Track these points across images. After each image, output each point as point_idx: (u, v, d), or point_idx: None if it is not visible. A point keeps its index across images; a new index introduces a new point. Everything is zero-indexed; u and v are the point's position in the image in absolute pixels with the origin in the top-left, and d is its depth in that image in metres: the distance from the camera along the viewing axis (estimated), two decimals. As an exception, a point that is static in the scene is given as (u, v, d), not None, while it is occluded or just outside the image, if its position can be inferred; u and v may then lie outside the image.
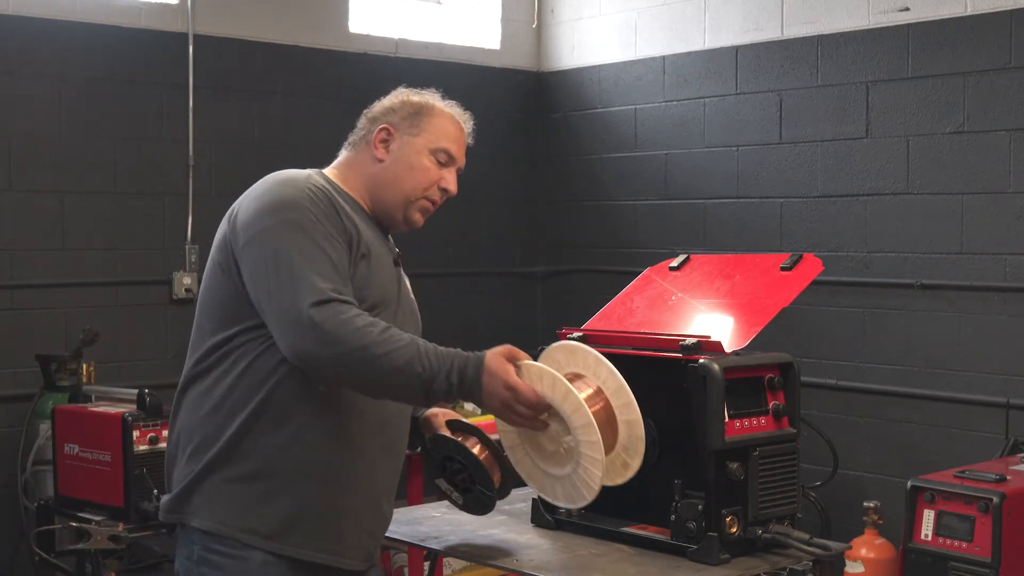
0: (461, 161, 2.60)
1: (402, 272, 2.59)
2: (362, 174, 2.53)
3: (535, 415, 2.32)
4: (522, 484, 2.56)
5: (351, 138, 2.60)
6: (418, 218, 2.56)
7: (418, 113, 2.55)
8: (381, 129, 2.53)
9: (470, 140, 2.63)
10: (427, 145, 2.53)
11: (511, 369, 2.30)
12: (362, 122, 2.59)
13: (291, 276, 2.26)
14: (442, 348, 2.28)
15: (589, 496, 2.37)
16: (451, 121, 2.58)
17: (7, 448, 4.78)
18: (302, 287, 2.24)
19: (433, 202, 2.56)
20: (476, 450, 2.55)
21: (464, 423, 2.61)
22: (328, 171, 2.56)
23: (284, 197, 2.36)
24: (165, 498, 2.44)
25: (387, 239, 2.58)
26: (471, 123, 2.64)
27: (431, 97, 2.60)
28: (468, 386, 2.26)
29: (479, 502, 2.60)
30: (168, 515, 2.42)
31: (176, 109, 5.33)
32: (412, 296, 2.62)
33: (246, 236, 2.33)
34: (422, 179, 2.53)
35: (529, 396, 2.29)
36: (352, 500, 2.40)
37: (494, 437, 2.57)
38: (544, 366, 2.34)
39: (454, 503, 2.63)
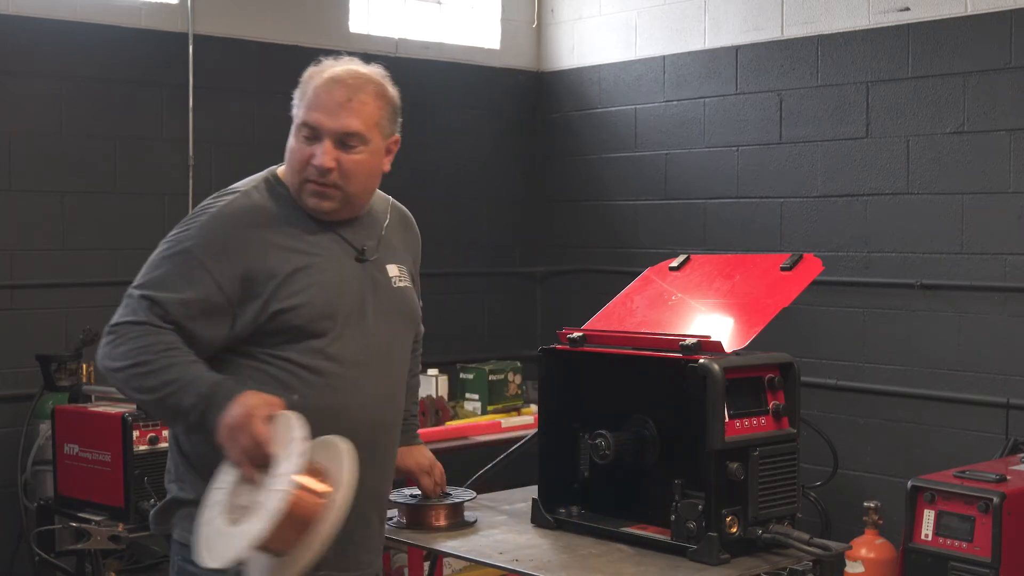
0: (335, 126, 2.35)
1: (378, 264, 2.47)
2: None
3: (252, 467, 2.15)
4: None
5: None
6: (315, 203, 2.39)
7: (301, 91, 2.42)
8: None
9: (361, 96, 2.37)
10: (296, 123, 2.41)
11: (266, 417, 2.16)
12: None
13: (131, 292, 2.34)
14: (205, 377, 2.22)
15: (210, 561, 2.11)
16: (322, 86, 2.38)
17: (7, 448, 4.78)
18: (129, 305, 2.32)
19: (316, 182, 2.37)
20: None
21: None
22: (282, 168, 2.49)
23: (192, 217, 2.38)
24: (152, 510, 2.48)
25: (345, 233, 2.44)
26: (364, 75, 2.39)
27: (322, 65, 2.42)
28: (212, 414, 2.17)
29: None
30: (155, 527, 2.46)
31: (176, 109, 5.33)
32: (401, 285, 2.52)
33: None
34: (294, 161, 2.40)
35: (265, 448, 2.13)
36: None
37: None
38: (298, 431, 2.13)
39: None
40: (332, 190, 2.38)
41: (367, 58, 2.47)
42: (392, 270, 2.51)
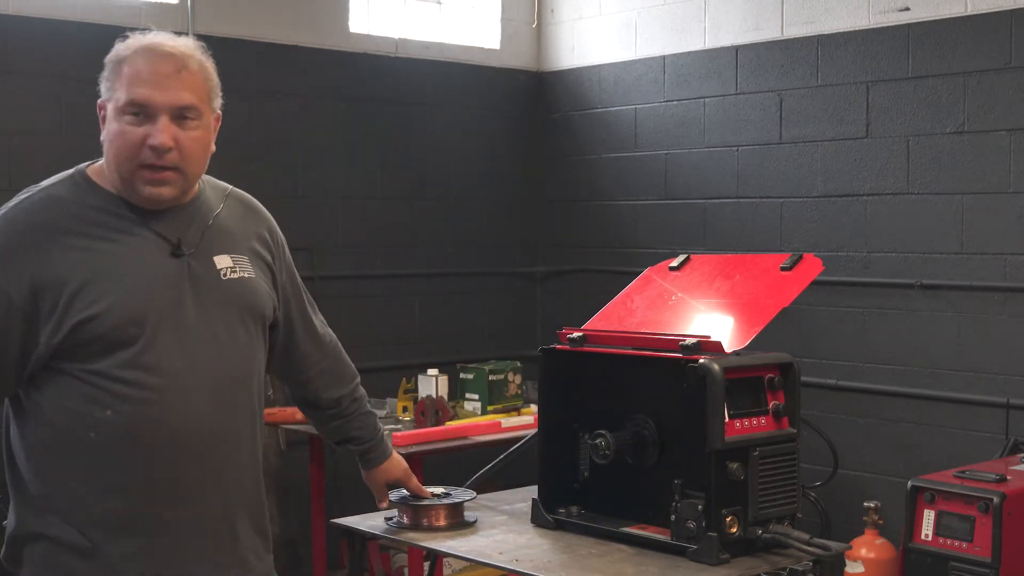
0: (169, 100, 2.17)
1: (201, 257, 2.26)
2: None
3: None
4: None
5: None
6: (150, 192, 2.18)
7: (113, 71, 2.20)
8: (98, 106, 2.23)
9: (190, 66, 2.24)
10: (117, 105, 2.17)
11: None
12: None
13: None
14: None
15: None
16: (143, 60, 2.18)
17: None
18: None
19: (152, 166, 2.16)
20: None
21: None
22: (97, 164, 2.29)
23: None
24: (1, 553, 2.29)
25: (159, 227, 2.23)
26: (186, 46, 2.25)
27: (131, 40, 2.23)
28: None
29: None
30: (10, 567, 2.26)
31: (176, 109, 5.32)
32: (235, 276, 2.31)
33: None
34: (122, 146, 2.16)
35: None
36: (159, 543, 2.22)
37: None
38: None
39: None
40: (171, 173, 2.19)
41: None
42: (222, 261, 2.31)
